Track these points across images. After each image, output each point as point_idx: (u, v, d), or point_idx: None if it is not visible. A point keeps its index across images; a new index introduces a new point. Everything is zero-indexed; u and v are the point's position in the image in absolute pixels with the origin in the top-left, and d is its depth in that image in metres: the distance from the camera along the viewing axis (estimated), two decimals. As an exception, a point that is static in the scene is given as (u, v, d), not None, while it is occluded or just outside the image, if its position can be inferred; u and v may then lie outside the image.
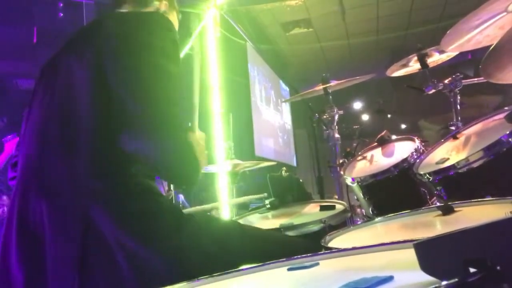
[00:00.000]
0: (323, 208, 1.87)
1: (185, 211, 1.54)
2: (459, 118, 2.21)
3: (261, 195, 2.30)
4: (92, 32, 1.23)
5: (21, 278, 1.06)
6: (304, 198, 3.08)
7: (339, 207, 1.84)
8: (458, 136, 1.76)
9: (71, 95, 1.15)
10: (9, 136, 3.34)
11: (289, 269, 0.81)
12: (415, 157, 1.86)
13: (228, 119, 4.08)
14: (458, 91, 2.22)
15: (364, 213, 2.18)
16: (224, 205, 3.21)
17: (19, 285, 1.06)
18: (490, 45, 1.40)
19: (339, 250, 0.90)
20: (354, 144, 2.76)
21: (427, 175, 1.59)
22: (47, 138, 1.15)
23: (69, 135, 1.12)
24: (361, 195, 2.02)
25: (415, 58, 2.33)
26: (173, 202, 2.26)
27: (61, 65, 1.21)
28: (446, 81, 2.23)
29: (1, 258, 1.12)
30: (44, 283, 1.03)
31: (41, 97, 1.22)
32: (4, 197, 3.25)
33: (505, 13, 1.50)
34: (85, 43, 1.20)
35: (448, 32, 1.66)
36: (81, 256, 1.02)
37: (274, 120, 7.44)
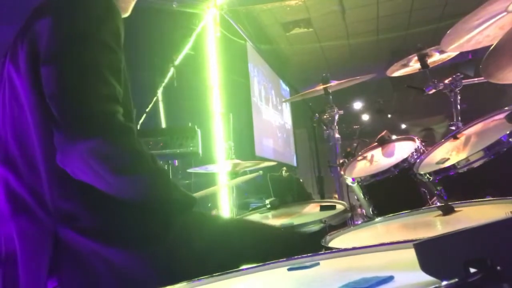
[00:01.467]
0: (323, 208, 1.87)
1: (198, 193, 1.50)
2: (459, 118, 2.21)
3: (257, 173, 2.28)
4: (26, 24, 1.09)
5: None
6: (304, 198, 3.08)
7: (339, 207, 1.84)
8: (458, 136, 1.76)
9: (19, 108, 1.06)
10: None
11: (289, 269, 0.81)
12: (415, 157, 1.86)
13: (228, 119, 4.08)
14: (458, 91, 2.22)
15: (365, 213, 2.19)
16: (223, 188, 3.19)
17: None
18: (490, 45, 1.40)
19: (339, 250, 0.90)
20: (354, 144, 2.77)
21: (428, 175, 1.59)
22: (9, 158, 1.07)
23: (28, 155, 1.05)
24: (361, 195, 2.02)
25: (415, 58, 2.33)
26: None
27: (4, 72, 1.12)
28: (446, 81, 2.23)
29: None
30: None
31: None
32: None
33: (505, 13, 1.50)
34: (18, 42, 1.08)
35: (448, 32, 1.66)
36: (56, 273, 0.99)
37: (274, 120, 7.44)
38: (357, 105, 9.27)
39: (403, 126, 8.89)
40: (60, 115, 0.97)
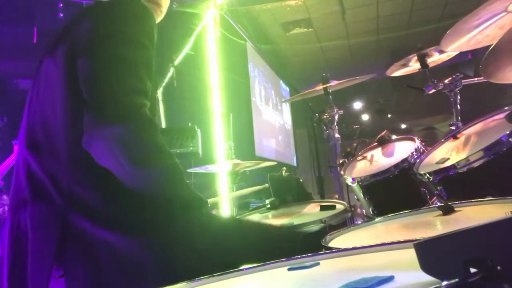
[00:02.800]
0: (323, 208, 1.87)
1: None
2: (459, 118, 2.21)
3: (263, 186, 2.29)
4: (66, 28, 1.20)
5: (6, 282, 1.07)
6: (304, 198, 3.08)
7: (339, 207, 1.84)
8: (458, 136, 1.76)
9: (50, 97, 1.14)
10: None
11: (289, 269, 0.81)
12: (415, 157, 1.86)
13: (228, 119, 4.08)
14: (458, 91, 2.22)
15: (365, 213, 2.19)
16: (224, 200, 3.20)
17: (3, 280, 1.09)
18: (490, 45, 1.40)
19: (340, 250, 0.90)
20: (354, 144, 2.76)
21: (427, 175, 1.59)
22: (34, 143, 1.14)
23: (51, 140, 1.12)
24: (361, 195, 2.02)
25: (415, 58, 2.33)
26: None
27: (42, 67, 1.20)
28: (446, 81, 2.23)
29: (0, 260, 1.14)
30: (24, 278, 1.05)
31: (29, 101, 1.22)
32: (5, 197, 3.25)
33: (505, 13, 1.50)
34: (59, 41, 1.17)
35: (448, 32, 1.66)
36: (59, 250, 1.03)
37: (274, 120, 7.43)
38: (357, 105, 9.28)
39: (405, 125, 8.89)
40: (91, 99, 1.04)
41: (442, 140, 1.82)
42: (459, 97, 2.22)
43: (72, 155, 1.08)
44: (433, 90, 2.25)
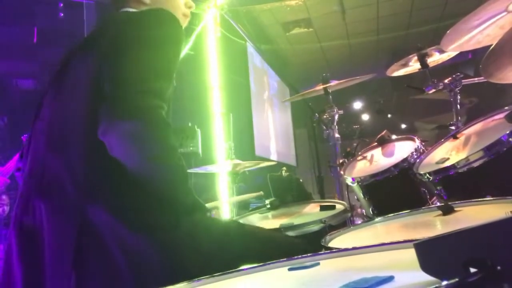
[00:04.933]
0: (323, 208, 1.87)
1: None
2: (459, 118, 2.21)
3: (258, 193, 2.30)
4: (97, 34, 1.27)
5: (19, 276, 1.08)
6: (304, 198, 3.08)
7: (339, 207, 1.84)
8: (458, 136, 1.76)
9: (73, 97, 1.19)
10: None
11: (289, 269, 0.81)
12: (415, 157, 1.86)
13: (228, 119, 4.08)
14: (458, 91, 2.22)
15: (364, 213, 2.18)
16: (224, 204, 3.21)
17: (18, 283, 1.08)
18: (490, 45, 1.40)
19: (340, 250, 0.90)
20: (354, 144, 2.76)
21: (427, 175, 1.59)
22: (51, 138, 1.18)
23: (68, 135, 1.15)
24: (361, 195, 2.02)
25: (415, 57, 2.33)
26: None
27: (70, 67, 1.24)
28: (446, 81, 2.23)
29: (6, 257, 1.15)
30: (41, 280, 1.05)
31: (51, 97, 1.26)
32: (4, 197, 3.25)
33: (505, 13, 1.50)
34: (90, 45, 1.24)
35: (448, 32, 1.66)
36: (76, 252, 1.03)
37: (274, 120, 7.44)
38: (357, 105, 9.28)
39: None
40: (111, 93, 1.08)
41: (442, 140, 1.82)
42: (459, 96, 2.22)
43: (88, 148, 1.12)
44: (433, 90, 2.25)
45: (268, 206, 2.10)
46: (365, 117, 9.34)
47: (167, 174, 1.10)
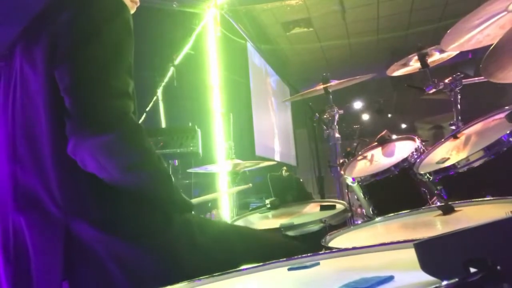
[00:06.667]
0: (323, 208, 1.87)
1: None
2: (460, 117, 2.20)
3: (247, 185, 2.29)
4: (38, 26, 1.13)
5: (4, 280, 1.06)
6: (304, 197, 3.08)
7: (339, 207, 1.84)
8: (458, 135, 1.76)
9: (29, 102, 1.09)
10: None
11: (289, 269, 0.81)
12: (416, 156, 1.86)
13: (229, 119, 4.08)
14: (458, 91, 2.22)
15: (365, 213, 2.18)
16: (223, 195, 3.20)
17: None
18: (491, 45, 1.40)
19: (340, 250, 0.90)
20: (355, 144, 2.76)
21: (428, 175, 1.59)
22: (16, 151, 1.10)
23: (36, 148, 1.08)
24: (361, 195, 2.02)
25: (416, 57, 2.33)
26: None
27: (15, 68, 1.13)
28: (446, 81, 2.23)
29: None
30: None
31: (2, 100, 1.17)
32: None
33: (505, 13, 1.50)
34: (33, 42, 1.10)
35: (448, 31, 1.66)
36: (66, 265, 1.01)
37: (275, 120, 7.43)
38: (357, 104, 9.28)
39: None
40: (74, 108, 0.99)
41: (443, 140, 1.82)
42: (459, 96, 2.22)
43: (60, 164, 1.05)
44: (433, 90, 2.25)
45: (268, 206, 2.10)
46: (365, 117, 9.34)
47: (150, 179, 1.06)
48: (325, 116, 2.74)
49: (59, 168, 1.05)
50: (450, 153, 1.66)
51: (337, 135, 2.69)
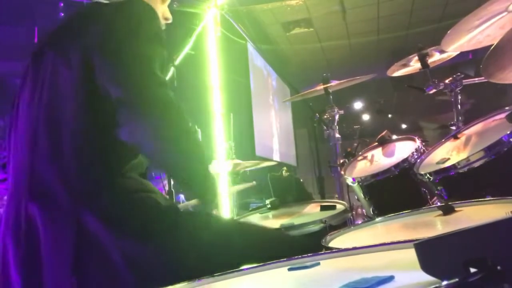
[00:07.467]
0: (323, 208, 1.87)
1: (183, 204, 1.55)
2: (460, 118, 2.21)
3: (251, 183, 2.29)
4: (76, 28, 1.23)
5: (18, 280, 1.07)
6: (304, 198, 3.08)
7: (340, 207, 1.84)
8: (458, 136, 1.76)
9: (58, 96, 1.15)
10: None
11: (289, 269, 0.81)
12: (416, 157, 1.86)
13: (229, 119, 4.08)
14: (458, 91, 2.22)
15: (365, 213, 2.18)
16: (223, 196, 3.20)
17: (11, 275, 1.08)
18: (491, 45, 1.40)
19: (340, 250, 0.90)
20: (355, 144, 2.76)
21: (428, 175, 1.59)
22: (36, 141, 1.15)
23: (57, 138, 1.13)
24: (361, 195, 2.02)
25: (416, 58, 2.33)
26: (170, 199, 2.26)
27: (47, 63, 1.19)
28: (446, 81, 2.23)
29: (1, 261, 1.13)
30: (40, 286, 1.04)
31: (28, 96, 1.21)
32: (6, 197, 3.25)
33: (505, 13, 1.50)
34: (70, 40, 1.19)
35: (448, 32, 1.66)
36: (75, 258, 1.03)
37: (275, 120, 7.44)
38: (358, 105, 9.28)
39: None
40: (128, 94, 1.10)
41: (443, 140, 1.82)
42: (459, 97, 2.22)
43: (81, 157, 1.11)
44: (434, 90, 2.25)
45: (269, 206, 2.09)
46: (366, 117, 9.35)
47: (184, 157, 1.15)
48: (325, 116, 2.74)
49: (79, 161, 1.11)
50: (451, 153, 1.66)
51: (337, 135, 2.69)
